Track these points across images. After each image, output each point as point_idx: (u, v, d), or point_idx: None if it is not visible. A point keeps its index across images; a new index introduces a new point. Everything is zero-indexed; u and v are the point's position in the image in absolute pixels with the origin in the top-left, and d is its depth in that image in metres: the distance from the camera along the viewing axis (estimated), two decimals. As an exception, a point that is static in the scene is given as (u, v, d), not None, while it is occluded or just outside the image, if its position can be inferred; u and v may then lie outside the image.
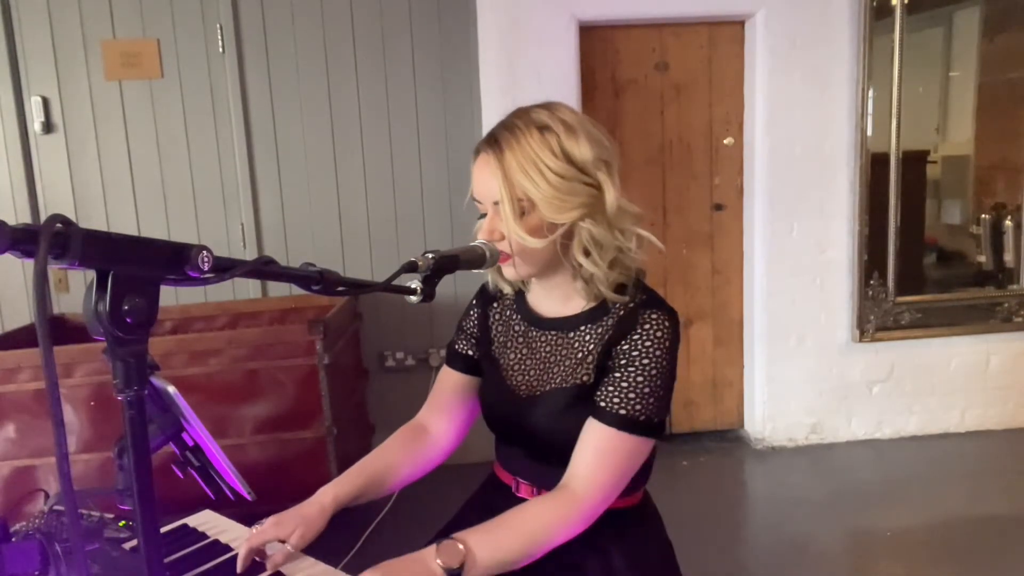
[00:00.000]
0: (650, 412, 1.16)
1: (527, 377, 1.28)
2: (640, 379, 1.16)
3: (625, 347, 1.17)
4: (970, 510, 2.94)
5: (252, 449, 2.64)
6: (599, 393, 1.18)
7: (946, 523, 2.84)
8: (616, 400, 1.16)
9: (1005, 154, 3.59)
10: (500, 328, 1.36)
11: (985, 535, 2.74)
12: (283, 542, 1.18)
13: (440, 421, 1.40)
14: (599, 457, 1.16)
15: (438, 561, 1.05)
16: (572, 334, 1.25)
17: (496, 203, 1.16)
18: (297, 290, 1.01)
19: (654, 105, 3.45)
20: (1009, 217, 3.54)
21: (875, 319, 3.47)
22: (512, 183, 1.13)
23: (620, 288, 1.21)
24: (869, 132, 3.34)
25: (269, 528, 1.18)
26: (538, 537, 1.13)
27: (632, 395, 1.15)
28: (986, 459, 3.43)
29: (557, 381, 1.24)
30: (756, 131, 3.41)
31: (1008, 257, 3.56)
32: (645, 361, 1.16)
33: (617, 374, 1.17)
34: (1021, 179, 3.56)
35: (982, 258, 3.61)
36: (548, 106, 1.20)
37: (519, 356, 1.31)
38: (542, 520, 1.14)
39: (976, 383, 3.62)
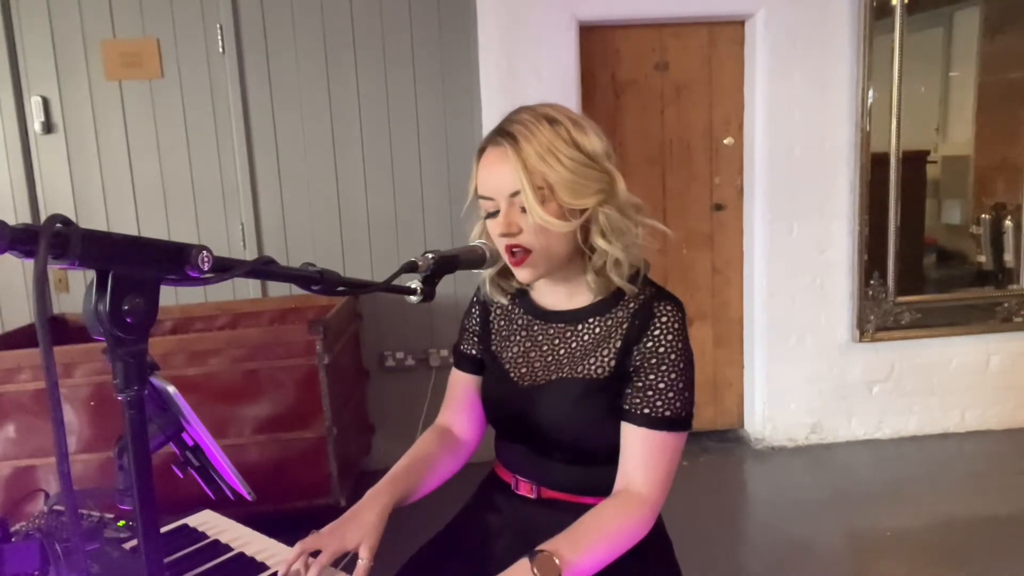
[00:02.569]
0: (688, 406, 1.20)
1: (531, 369, 1.28)
2: (673, 376, 1.18)
3: (649, 345, 1.18)
4: (970, 510, 2.94)
5: (252, 449, 2.64)
6: (639, 399, 1.18)
7: (946, 523, 2.84)
8: (659, 403, 1.17)
9: (1005, 154, 3.59)
10: (502, 323, 1.36)
11: (985, 535, 2.74)
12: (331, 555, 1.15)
13: (460, 422, 1.42)
14: (653, 460, 1.18)
15: (535, 572, 1.05)
16: (580, 326, 1.25)
17: (513, 195, 1.15)
18: (297, 290, 1.01)
19: (654, 105, 3.45)
20: (1009, 217, 3.54)
21: (875, 319, 3.47)
22: (531, 170, 1.13)
23: (631, 278, 1.21)
24: (869, 132, 3.34)
25: (336, 544, 1.14)
26: (618, 540, 1.15)
27: (671, 394, 1.17)
28: (986, 459, 3.43)
29: (565, 371, 1.24)
30: (756, 131, 3.41)
31: (1008, 257, 3.56)
32: (672, 357, 1.18)
33: (652, 376, 1.18)
34: (1021, 179, 3.56)
35: (982, 258, 3.61)
36: (550, 104, 1.21)
37: (522, 348, 1.30)
38: (620, 524, 1.15)
39: (976, 383, 3.62)
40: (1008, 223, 3.54)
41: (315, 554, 1.14)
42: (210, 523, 1.35)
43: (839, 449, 3.56)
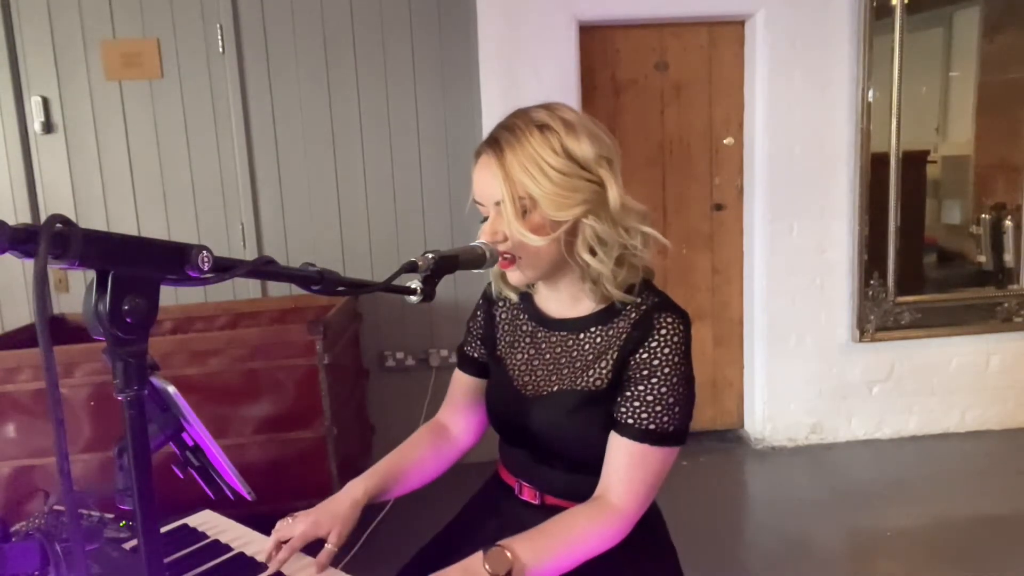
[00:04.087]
0: (677, 422, 1.16)
1: (534, 377, 1.27)
2: (664, 390, 1.15)
3: (644, 356, 1.16)
4: (970, 510, 2.94)
5: (252, 449, 2.64)
6: (625, 409, 1.16)
7: (946, 523, 2.84)
8: (644, 415, 1.15)
9: (1005, 154, 3.59)
10: (507, 328, 1.35)
11: (985, 535, 2.74)
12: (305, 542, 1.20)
13: (458, 421, 1.42)
14: (632, 471, 1.16)
15: (486, 567, 1.06)
16: (582, 335, 1.24)
17: (498, 204, 1.15)
18: (297, 290, 1.01)
19: (654, 105, 3.45)
20: (1009, 217, 3.54)
21: (875, 319, 3.47)
22: (513, 181, 1.12)
23: (628, 289, 1.19)
24: (869, 132, 3.34)
25: (309, 528, 1.20)
26: (579, 546, 1.14)
27: (659, 407, 1.15)
28: (986, 459, 3.42)
29: (565, 382, 1.23)
30: (756, 131, 3.41)
31: (1008, 257, 3.56)
32: (667, 370, 1.15)
33: (641, 387, 1.16)
34: (1021, 179, 3.56)
35: (982, 258, 3.61)
36: (548, 106, 1.19)
37: (526, 356, 1.30)
38: (584, 531, 1.14)
39: (976, 383, 3.62)
40: (1008, 223, 3.54)
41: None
42: (210, 523, 1.35)
43: (839, 449, 3.56)
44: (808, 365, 3.54)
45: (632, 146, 3.45)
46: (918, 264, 3.61)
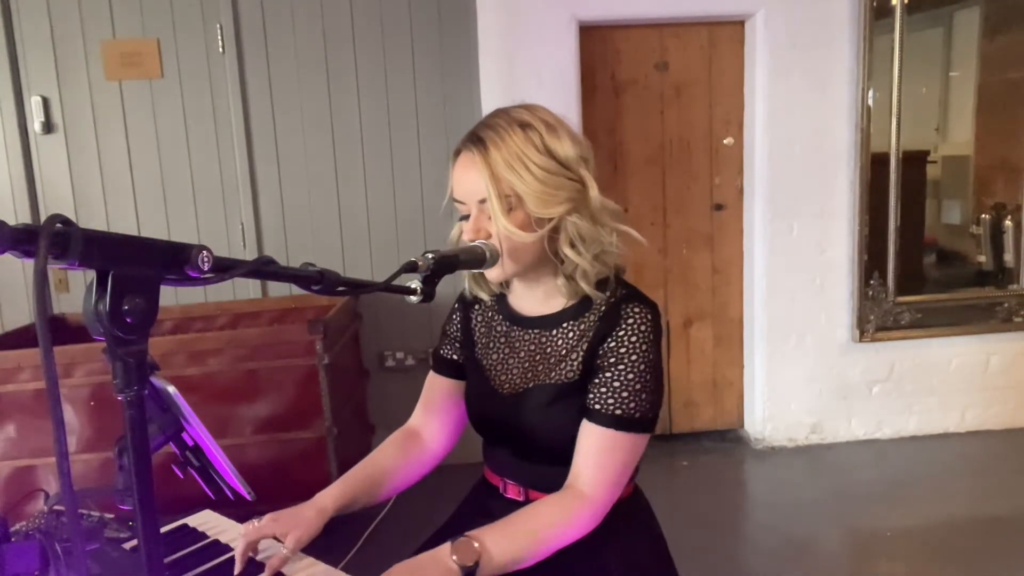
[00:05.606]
0: (644, 408, 1.17)
1: (510, 376, 1.29)
2: (631, 376, 1.17)
3: (612, 344, 1.18)
4: (970, 510, 2.94)
5: (252, 449, 2.64)
6: (592, 395, 1.18)
7: (946, 523, 2.84)
8: (611, 401, 1.16)
9: (1005, 154, 3.59)
10: (483, 330, 1.36)
11: (985, 535, 2.74)
12: (278, 540, 1.18)
13: (432, 425, 1.41)
14: (600, 458, 1.17)
15: (454, 558, 1.06)
16: (554, 331, 1.25)
17: (481, 201, 1.16)
18: (297, 290, 1.01)
19: (654, 105, 3.45)
20: (1009, 217, 3.54)
21: (875, 319, 3.47)
22: (499, 179, 1.13)
23: (600, 283, 1.21)
24: (869, 132, 3.34)
25: (267, 524, 1.18)
26: (548, 536, 1.14)
27: (625, 394, 1.16)
28: (986, 459, 3.42)
29: (540, 378, 1.24)
30: (756, 131, 3.41)
31: (1008, 257, 3.56)
32: (633, 358, 1.17)
33: (608, 374, 1.17)
34: (1021, 179, 3.56)
35: (982, 258, 3.61)
36: (527, 106, 1.21)
37: (501, 356, 1.31)
38: (552, 519, 1.15)
39: (976, 383, 3.62)
40: (1008, 223, 3.54)
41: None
42: (210, 523, 1.35)
43: (839, 449, 3.56)
44: (808, 365, 3.54)
45: (632, 146, 3.45)
46: (918, 264, 3.60)
